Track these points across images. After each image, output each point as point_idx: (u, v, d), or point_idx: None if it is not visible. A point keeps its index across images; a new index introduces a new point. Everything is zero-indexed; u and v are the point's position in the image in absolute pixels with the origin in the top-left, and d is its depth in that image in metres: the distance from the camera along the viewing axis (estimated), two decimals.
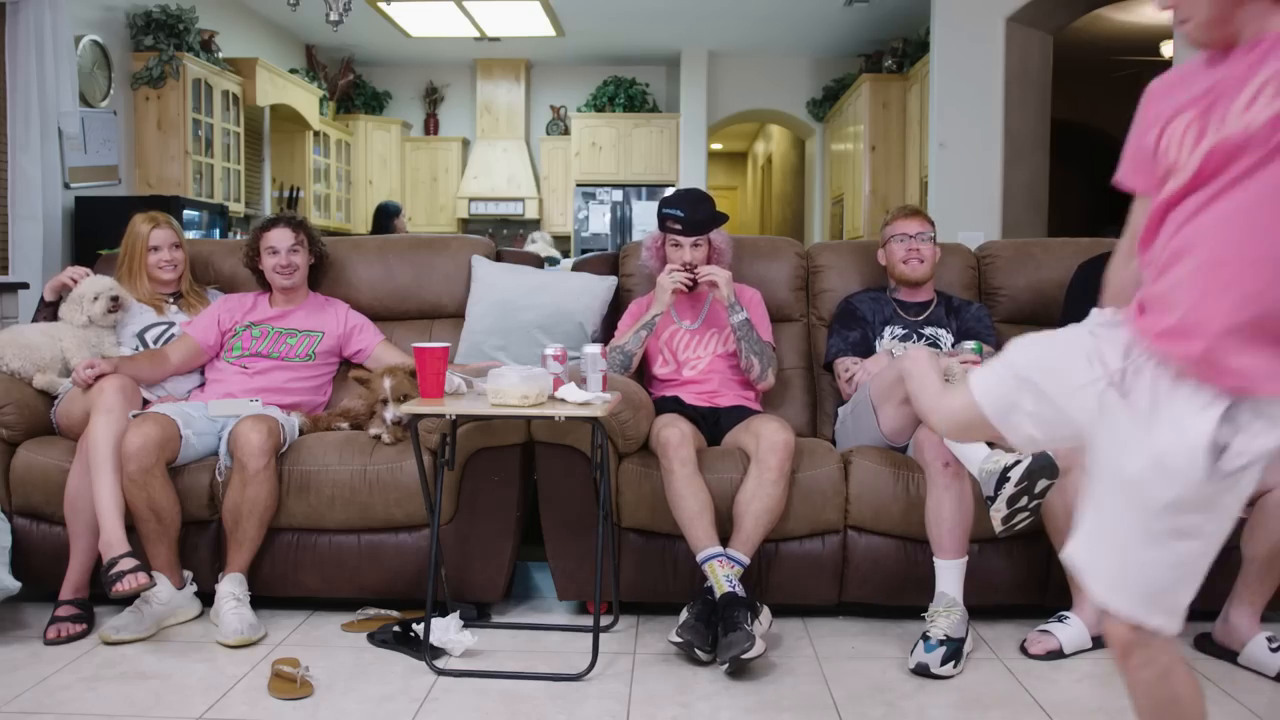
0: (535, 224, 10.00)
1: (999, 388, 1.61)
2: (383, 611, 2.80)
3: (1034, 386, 1.55)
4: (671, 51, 9.47)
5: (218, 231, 6.23)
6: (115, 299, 3.05)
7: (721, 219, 3.05)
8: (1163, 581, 1.40)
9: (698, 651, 2.47)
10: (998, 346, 3.14)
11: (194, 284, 3.30)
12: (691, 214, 3.00)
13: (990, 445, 2.48)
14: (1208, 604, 2.61)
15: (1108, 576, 1.43)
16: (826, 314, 3.36)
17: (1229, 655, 2.52)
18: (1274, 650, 2.44)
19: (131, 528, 2.65)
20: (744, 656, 2.36)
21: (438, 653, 2.52)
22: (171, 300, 3.25)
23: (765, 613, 2.58)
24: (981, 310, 3.15)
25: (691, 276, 2.96)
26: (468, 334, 3.26)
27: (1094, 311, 1.55)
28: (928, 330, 3.09)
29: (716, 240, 3.08)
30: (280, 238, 3.15)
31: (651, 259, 3.14)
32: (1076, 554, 1.50)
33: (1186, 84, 1.43)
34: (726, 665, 2.41)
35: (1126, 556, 1.40)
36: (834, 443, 3.05)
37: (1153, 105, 1.47)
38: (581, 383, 2.45)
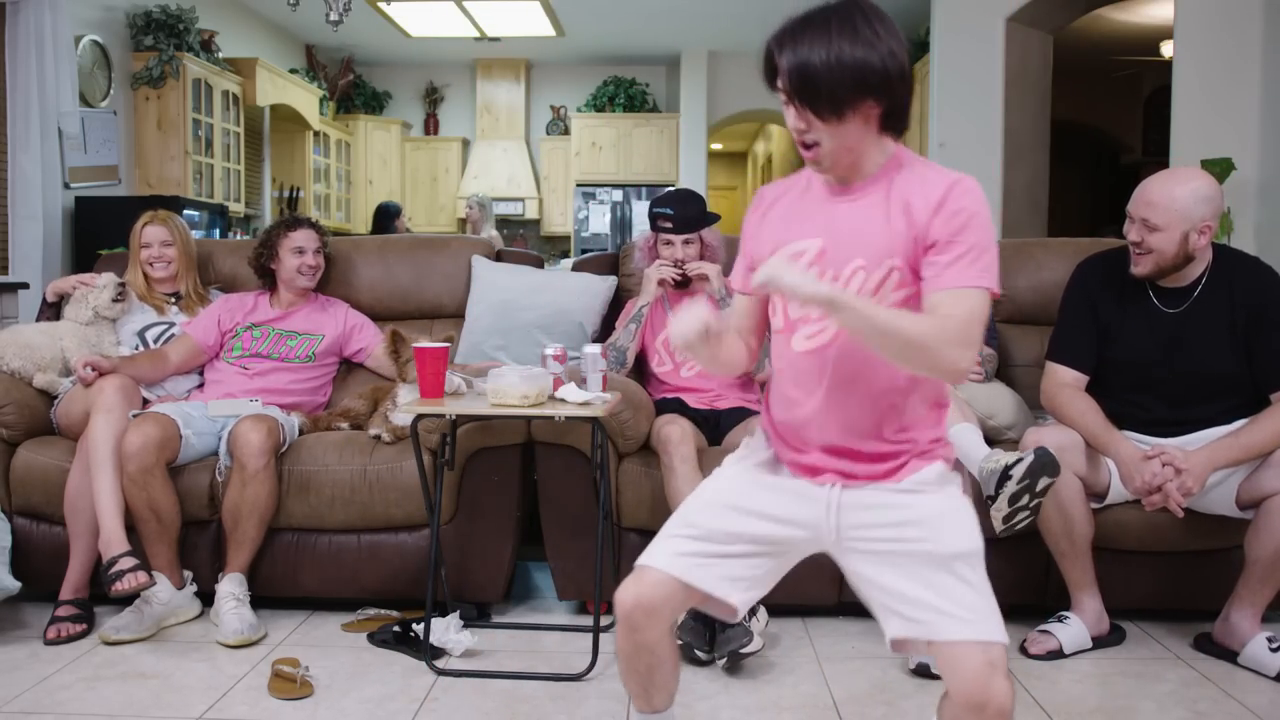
0: (535, 224, 10.01)
1: None
2: (383, 611, 2.80)
3: None
4: (671, 51, 9.48)
5: (218, 231, 6.23)
6: (122, 286, 3.08)
7: (713, 218, 3.06)
8: None
9: (697, 652, 2.47)
10: (1000, 350, 3.14)
11: (198, 285, 3.30)
12: (681, 212, 3.02)
13: (989, 444, 2.48)
14: (1208, 604, 2.63)
15: None
16: None
17: (1229, 655, 2.52)
18: (1274, 650, 2.43)
19: (131, 528, 2.65)
20: (742, 651, 2.37)
21: (438, 653, 2.52)
22: (173, 300, 3.25)
23: (762, 611, 2.58)
24: None
25: (680, 271, 2.98)
26: (468, 334, 3.26)
27: None
28: None
29: (709, 238, 3.09)
30: (307, 238, 3.17)
31: (644, 259, 3.16)
32: None
33: (804, 210, 1.62)
34: (724, 661, 2.41)
35: None
36: None
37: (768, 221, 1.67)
38: (581, 383, 2.45)
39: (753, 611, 2.49)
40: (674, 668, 1.70)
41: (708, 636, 2.47)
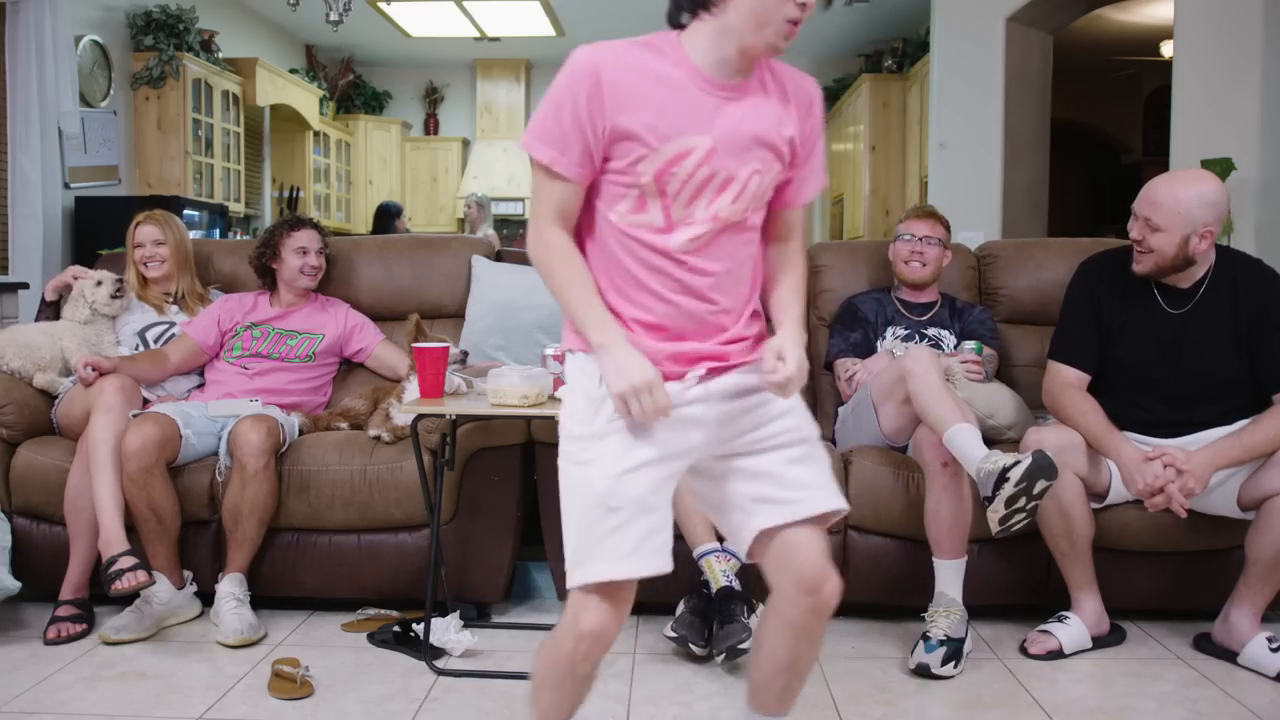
0: None
1: None
2: (383, 611, 2.80)
3: None
4: None
5: (218, 231, 6.23)
6: (120, 282, 3.08)
7: None
8: None
9: (692, 646, 2.47)
10: (1000, 350, 3.14)
11: (197, 285, 3.29)
12: None
13: (988, 445, 2.48)
14: (1208, 604, 2.63)
15: None
16: (827, 314, 3.36)
17: (1229, 655, 2.52)
18: (1274, 650, 2.44)
19: (131, 528, 2.65)
20: (740, 647, 2.37)
21: (438, 653, 2.52)
22: (171, 300, 3.24)
23: (760, 609, 2.58)
24: (985, 314, 3.16)
25: None
26: (468, 334, 3.26)
27: None
28: (931, 331, 3.09)
29: None
30: (310, 238, 3.17)
31: None
32: None
33: (682, 101, 1.51)
34: (723, 656, 2.41)
35: None
36: (834, 442, 3.05)
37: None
38: None
39: (752, 609, 2.49)
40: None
41: (704, 631, 2.48)
